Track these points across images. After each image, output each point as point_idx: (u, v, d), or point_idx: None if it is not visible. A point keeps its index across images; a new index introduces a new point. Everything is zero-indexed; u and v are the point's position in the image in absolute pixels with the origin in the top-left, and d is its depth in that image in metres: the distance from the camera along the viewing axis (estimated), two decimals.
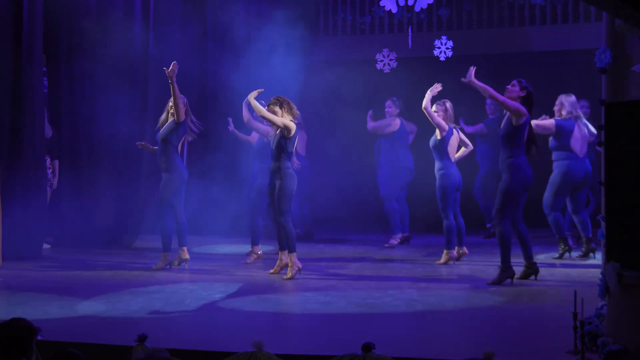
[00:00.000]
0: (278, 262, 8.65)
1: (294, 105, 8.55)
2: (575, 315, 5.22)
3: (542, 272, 8.55)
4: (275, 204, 8.42)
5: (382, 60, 11.48)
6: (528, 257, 8.03)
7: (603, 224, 5.44)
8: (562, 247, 9.34)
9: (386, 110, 10.91)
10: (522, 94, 7.94)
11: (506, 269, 7.89)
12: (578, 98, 10.71)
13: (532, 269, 8.03)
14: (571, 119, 9.39)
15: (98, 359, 5.41)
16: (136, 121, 10.83)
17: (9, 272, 8.84)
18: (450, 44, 11.06)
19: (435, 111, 9.19)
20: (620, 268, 5.10)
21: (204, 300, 7.38)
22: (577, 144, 9.39)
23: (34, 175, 9.97)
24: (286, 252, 8.53)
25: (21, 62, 9.83)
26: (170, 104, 9.05)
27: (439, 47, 11.08)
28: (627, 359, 4.93)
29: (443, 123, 9.16)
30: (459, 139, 9.33)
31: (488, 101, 11.28)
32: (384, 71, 11.56)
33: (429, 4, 11.02)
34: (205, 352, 5.43)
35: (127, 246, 10.85)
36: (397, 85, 12.05)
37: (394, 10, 11.13)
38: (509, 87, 7.99)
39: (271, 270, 8.65)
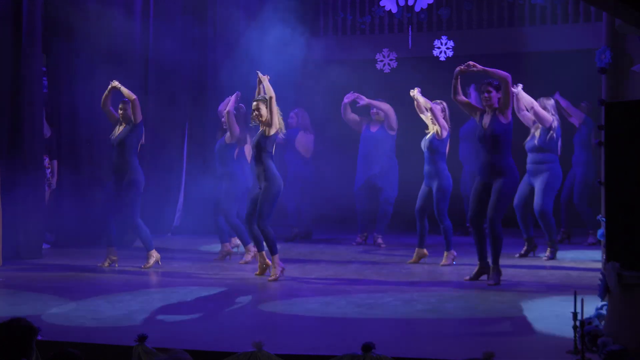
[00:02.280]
0: (259, 264, 8.60)
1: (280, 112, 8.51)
2: (575, 315, 5.22)
3: (542, 272, 8.58)
4: (257, 207, 8.32)
5: (382, 60, 11.48)
6: (482, 257, 8.08)
7: (603, 224, 5.44)
8: (551, 247, 9.39)
9: (373, 112, 10.87)
10: (500, 95, 7.92)
11: (499, 269, 7.93)
12: (578, 99, 10.75)
13: (485, 269, 8.07)
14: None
15: (98, 359, 5.42)
16: None
17: (9, 272, 8.85)
18: (450, 43, 11.06)
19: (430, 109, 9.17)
20: (620, 268, 5.10)
21: (203, 300, 7.38)
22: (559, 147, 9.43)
23: (34, 175, 9.97)
24: (263, 253, 8.50)
25: (21, 61, 9.83)
26: (122, 105, 9.04)
27: (439, 47, 11.08)
28: (627, 359, 4.93)
29: (445, 123, 9.14)
30: None
31: (473, 93, 11.26)
32: (384, 71, 11.56)
33: (429, 4, 11.03)
34: (205, 352, 5.43)
35: (127, 246, 10.83)
36: (397, 85, 12.04)
37: (394, 10, 11.14)
38: (486, 95, 7.95)
39: (256, 272, 8.61)
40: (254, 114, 8.37)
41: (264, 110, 8.35)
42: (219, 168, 9.58)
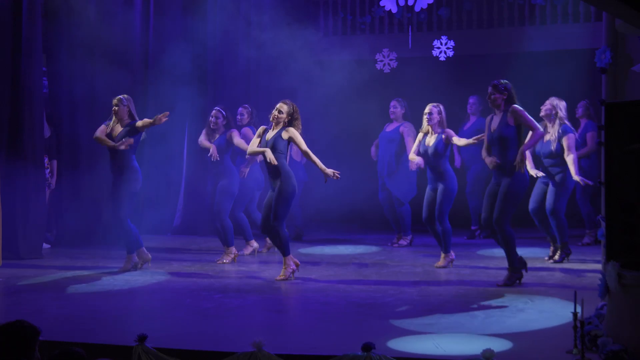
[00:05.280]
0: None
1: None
2: (575, 315, 5.23)
3: (542, 273, 8.57)
4: (273, 207, 8.34)
5: (382, 60, 11.47)
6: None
7: (603, 224, 5.44)
8: (565, 251, 9.27)
9: (391, 110, 10.83)
10: (505, 96, 7.91)
11: (515, 270, 7.89)
12: (578, 99, 10.72)
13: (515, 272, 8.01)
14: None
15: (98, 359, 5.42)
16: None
17: (9, 272, 8.85)
18: (451, 43, 11.05)
19: (428, 112, 9.13)
20: (620, 268, 5.10)
21: (204, 300, 7.38)
22: None
23: (34, 175, 9.97)
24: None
25: (21, 61, 9.84)
26: (116, 108, 8.98)
27: (439, 47, 11.08)
28: (627, 359, 4.93)
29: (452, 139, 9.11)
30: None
31: (470, 100, 11.27)
32: (384, 71, 11.55)
33: (429, 4, 11.02)
34: (205, 352, 5.43)
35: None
36: (397, 85, 12.04)
37: (394, 10, 11.12)
38: (490, 97, 7.93)
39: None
40: (275, 112, 8.39)
41: (285, 115, 8.38)
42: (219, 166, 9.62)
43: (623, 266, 5.09)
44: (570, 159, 8.98)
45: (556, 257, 9.25)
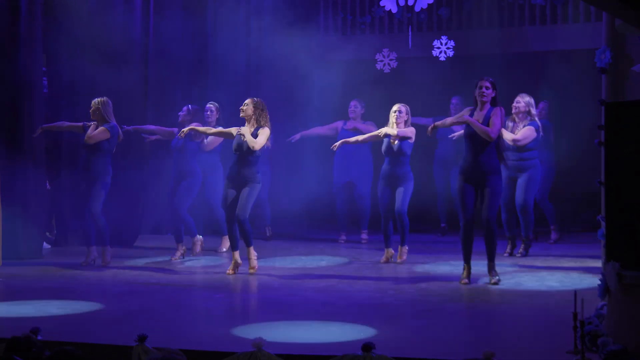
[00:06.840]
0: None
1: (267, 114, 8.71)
2: (575, 315, 5.23)
3: (542, 272, 8.58)
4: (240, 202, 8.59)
5: (382, 60, 11.46)
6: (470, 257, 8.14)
7: (603, 224, 5.44)
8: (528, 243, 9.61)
9: (351, 110, 11.00)
10: (494, 94, 7.98)
11: (494, 266, 7.97)
12: (579, 99, 10.78)
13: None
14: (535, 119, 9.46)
15: (98, 359, 5.42)
16: (136, 120, 10.81)
17: (9, 272, 8.85)
18: (451, 43, 11.04)
19: (398, 110, 9.17)
20: (620, 268, 5.10)
21: (203, 300, 7.38)
22: None
23: (34, 175, 9.97)
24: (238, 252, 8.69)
25: (20, 61, 9.83)
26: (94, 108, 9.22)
27: (439, 47, 11.07)
28: (627, 359, 4.93)
29: (409, 132, 9.20)
30: None
31: (453, 101, 11.28)
32: (384, 71, 11.54)
33: (429, 4, 11.00)
34: (205, 352, 5.43)
35: (127, 246, 10.84)
36: (397, 85, 12.03)
37: (394, 10, 11.11)
38: (484, 90, 7.94)
39: (229, 271, 8.65)
40: (242, 107, 8.71)
41: (249, 108, 8.64)
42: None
43: (623, 266, 5.09)
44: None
45: (521, 250, 9.53)
